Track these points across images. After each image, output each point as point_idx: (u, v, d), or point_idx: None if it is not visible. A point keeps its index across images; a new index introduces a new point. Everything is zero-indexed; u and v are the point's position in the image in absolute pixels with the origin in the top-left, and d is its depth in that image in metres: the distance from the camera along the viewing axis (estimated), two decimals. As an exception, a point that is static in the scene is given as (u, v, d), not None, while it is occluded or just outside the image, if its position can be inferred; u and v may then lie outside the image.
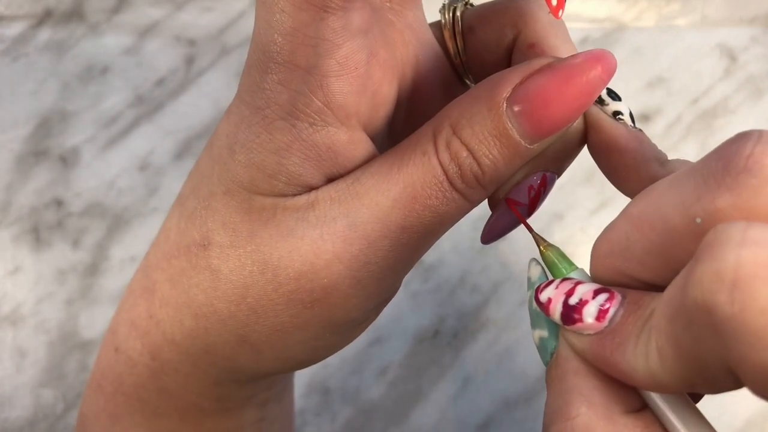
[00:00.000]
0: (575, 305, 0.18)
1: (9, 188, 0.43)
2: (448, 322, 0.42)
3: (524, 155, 0.19)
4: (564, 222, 0.43)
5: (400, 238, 0.20)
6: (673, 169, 0.19)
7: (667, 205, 0.16)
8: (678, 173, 0.17)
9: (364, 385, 0.40)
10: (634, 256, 0.17)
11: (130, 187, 0.43)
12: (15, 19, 0.46)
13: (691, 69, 0.47)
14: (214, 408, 0.24)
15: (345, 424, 0.40)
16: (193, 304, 0.22)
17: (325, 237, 0.20)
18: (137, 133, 0.44)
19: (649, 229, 0.16)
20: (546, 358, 0.19)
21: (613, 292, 0.17)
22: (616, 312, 0.17)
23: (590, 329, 0.17)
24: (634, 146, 0.20)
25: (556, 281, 0.19)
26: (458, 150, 0.19)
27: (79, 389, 0.39)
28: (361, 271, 0.20)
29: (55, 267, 0.41)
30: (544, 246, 0.21)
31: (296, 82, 0.19)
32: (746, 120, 0.46)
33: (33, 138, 0.44)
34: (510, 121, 0.19)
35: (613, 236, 0.17)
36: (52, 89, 0.45)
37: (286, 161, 0.20)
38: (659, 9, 0.49)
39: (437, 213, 0.20)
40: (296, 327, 0.20)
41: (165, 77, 0.45)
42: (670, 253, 0.16)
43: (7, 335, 0.40)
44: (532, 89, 0.19)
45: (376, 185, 0.20)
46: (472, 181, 0.19)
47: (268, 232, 0.20)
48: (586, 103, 0.19)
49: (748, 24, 0.49)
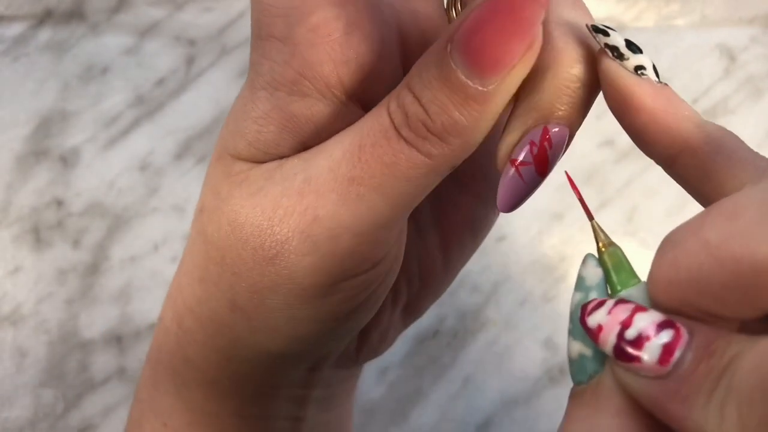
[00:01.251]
0: (633, 340, 0.15)
1: (9, 188, 0.43)
2: (448, 322, 0.42)
3: (481, 100, 0.18)
4: (564, 222, 0.43)
5: (350, 191, 0.19)
6: (710, 132, 0.17)
7: (758, 239, 0.14)
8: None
9: (364, 385, 0.40)
10: (708, 290, 0.14)
11: (130, 187, 0.43)
12: (15, 19, 0.46)
13: (690, 69, 0.47)
14: (235, 389, 0.24)
15: (345, 424, 0.40)
16: (197, 270, 0.22)
17: (284, 192, 0.19)
18: (137, 133, 0.44)
19: (732, 264, 0.14)
20: (581, 378, 0.17)
21: (679, 327, 0.15)
22: (682, 355, 0.15)
23: (650, 372, 0.15)
24: (663, 105, 0.18)
25: (608, 303, 0.16)
26: (404, 97, 0.18)
27: (79, 389, 0.40)
28: (311, 226, 0.19)
29: (56, 267, 0.41)
30: (604, 244, 0.18)
31: (273, 53, 0.19)
32: (746, 120, 0.46)
33: (33, 138, 0.44)
34: (454, 63, 0.18)
35: (682, 261, 0.15)
36: (52, 89, 0.45)
37: (264, 129, 0.20)
38: (659, 9, 0.49)
39: (385, 163, 0.18)
40: (267, 288, 0.20)
41: (165, 77, 0.45)
42: (755, 293, 0.14)
43: (7, 335, 0.40)
44: (468, 25, 0.17)
45: (336, 138, 0.19)
46: (421, 129, 0.18)
47: (240, 192, 0.20)
48: (525, 30, 0.17)
49: (747, 24, 0.49)
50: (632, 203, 0.44)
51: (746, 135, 0.18)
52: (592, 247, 0.18)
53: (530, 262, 0.43)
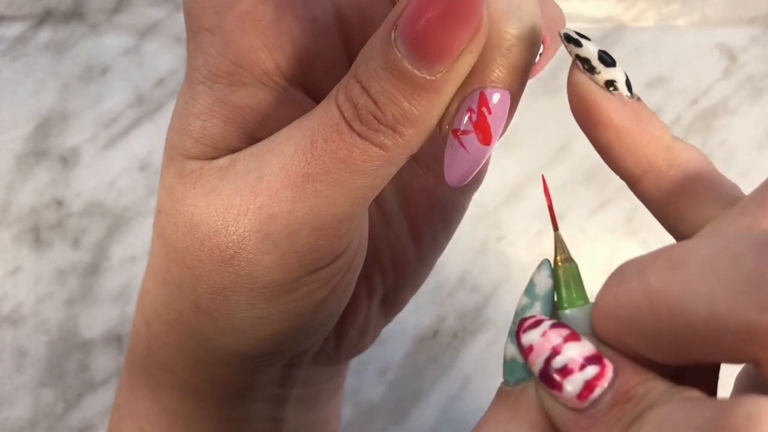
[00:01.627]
0: (559, 369, 0.15)
1: (9, 188, 0.43)
2: (448, 322, 0.42)
3: (430, 89, 0.17)
4: (564, 222, 0.43)
5: (305, 188, 0.18)
6: (679, 154, 0.17)
7: (695, 296, 0.13)
8: (718, 252, 0.14)
9: (364, 385, 0.40)
10: (639, 332, 0.15)
11: (130, 187, 0.43)
12: (15, 19, 0.46)
13: (690, 69, 0.47)
14: (209, 391, 0.23)
15: (345, 424, 0.40)
16: (160, 273, 0.22)
17: (237, 191, 0.19)
18: (137, 133, 0.44)
19: (666, 314, 0.14)
20: (509, 379, 0.17)
21: (605, 365, 0.15)
22: (602, 394, 0.15)
23: (568, 402, 0.15)
24: (630, 123, 0.17)
25: (544, 324, 0.16)
26: (352, 88, 0.18)
27: (79, 389, 0.40)
28: (267, 225, 0.19)
29: (55, 267, 0.41)
30: (562, 258, 0.18)
31: (206, 45, 0.19)
32: (746, 120, 0.46)
33: (33, 138, 0.44)
34: (399, 52, 0.17)
35: (622, 298, 0.15)
36: (52, 89, 0.45)
37: (208, 124, 0.20)
38: (659, 9, 0.49)
39: (339, 158, 0.18)
40: (228, 289, 0.20)
41: (165, 77, 0.45)
42: (684, 346, 0.14)
43: (7, 335, 0.40)
44: (410, 12, 0.17)
45: (286, 134, 0.19)
46: (371, 121, 0.18)
47: (194, 192, 0.20)
48: (469, 17, 0.16)
49: (747, 24, 0.49)
50: (632, 203, 0.44)
51: (746, 135, 0.18)
52: (592, 247, 0.18)
53: (530, 262, 0.43)
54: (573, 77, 0.17)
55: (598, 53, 0.17)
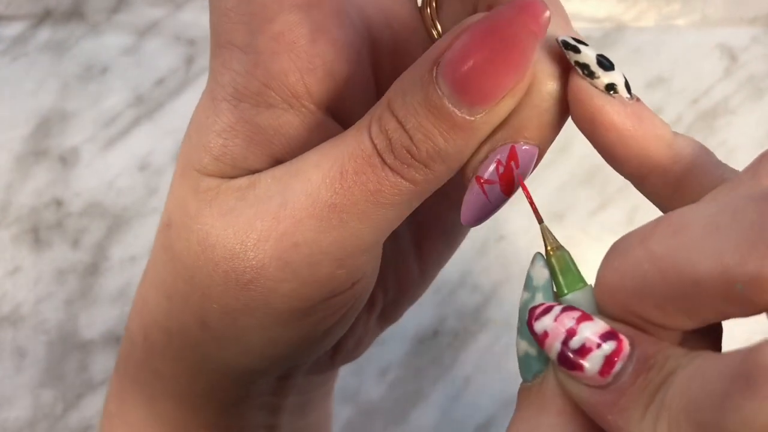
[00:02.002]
0: (577, 349, 0.15)
1: (9, 188, 0.43)
2: (448, 322, 0.42)
3: (467, 128, 0.17)
4: (564, 222, 0.43)
5: (331, 218, 0.18)
6: (679, 151, 0.17)
7: (701, 254, 0.14)
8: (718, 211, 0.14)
9: (364, 386, 0.40)
10: (650, 299, 0.15)
11: (130, 187, 0.43)
12: (15, 18, 0.46)
13: (691, 69, 0.47)
14: (205, 401, 0.23)
15: (345, 424, 0.40)
16: (164, 285, 0.22)
17: (258, 215, 0.19)
18: (137, 133, 0.44)
19: (674, 276, 0.14)
20: (527, 376, 0.17)
21: (621, 339, 0.15)
22: (623, 367, 0.15)
23: (590, 381, 0.15)
24: (632, 123, 0.17)
25: (555, 309, 0.16)
26: (388, 122, 0.18)
27: (78, 390, 0.39)
28: (288, 253, 0.18)
29: (55, 267, 0.41)
30: (552, 247, 0.18)
31: (234, 63, 0.19)
32: (746, 120, 0.46)
33: (32, 138, 0.44)
34: (440, 90, 0.17)
35: (627, 269, 0.15)
36: (51, 89, 0.45)
37: (230, 143, 0.19)
38: (659, 9, 0.49)
39: (368, 191, 0.18)
40: (241, 312, 0.20)
41: (165, 77, 0.45)
42: (695, 306, 0.14)
43: (6, 335, 0.40)
44: (457, 52, 0.17)
45: (313, 161, 0.19)
46: (405, 156, 0.17)
47: (211, 211, 0.19)
48: (519, 63, 0.16)
49: (748, 24, 0.49)
50: (633, 203, 0.44)
51: (746, 135, 0.18)
52: (593, 248, 0.18)
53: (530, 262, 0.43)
54: (573, 83, 0.17)
55: (596, 58, 0.17)
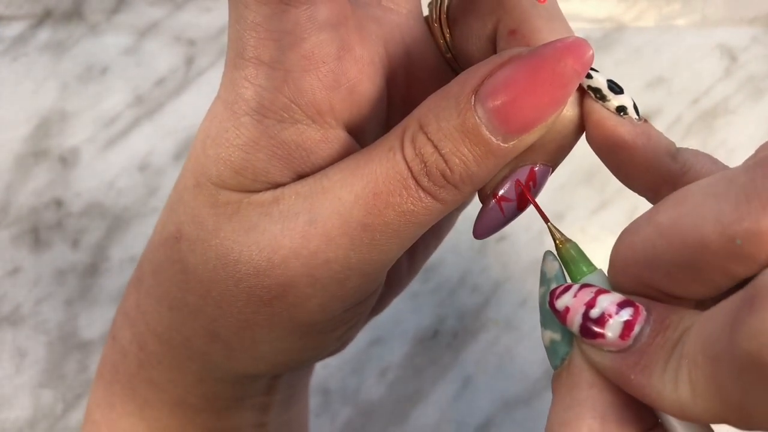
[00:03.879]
0: (597, 319, 0.16)
1: (8, 188, 0.43)
2: (448, 322, 0.42)
3: (499, 154, 0.18)
4: (564, 222, 0.43)
5: (362, 237, 0.19)
6: (685, 160, 0.18)
7: (703, 218, 0.15)
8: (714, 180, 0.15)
9: (364, 386, 0.40)
10: (660, 268, 0.16)
11: (130, 187, 0.43)
12: (15, 19, 0.46)
13: (691, 69, 0.47)
14: (203, 406, 0.23)
15: (345, 425, 0.40)
16: (169, 297, 0.22)
17: (285, 232, 0.19)
18: (137, 133, 0.44)
19: (680, 242, 0.15)
20: (555, 362, 0.18)
21: (637, 306, 0.16)
22: (641, 330, 0.16)
23: (612, 346, 0.16)
24: (643, 142, 0.19)
25: (574, 287, 0.17)
26: (423, 146, 0.18)
27: (78, 390, 0.39)
28: (319, 270, 0.19)
29: (55, 267, 0.41)
30: (560, 241, 0.19)
31: (261, 78, 0.19)
32: (746, 120, 0.46)
33: (32, 138, 0.44)
34: (478, 117, 0.18)
35: (637, 243, 0.16)
36: (51, 89, 0.45)
37: (252, 157, 0.19)
38: (659, 9, 0.49)
39: (401, 212, 0.18)
40: (260, 325, 0.20)
41: (165, 77, 0.45)
42: (702, 268, 0.15)
43: (6, 336, 0.40)
44: (500, 82, 0.18)
45: (341, 180, 0.19)
46: (440, 179, 0.18)
47: (232, 227, 0.20)
48: (560, 98, 0.18)
49: (748, 24, 0.49)
50: (632, 203, 0.44)
51: (746, 135, 0.18)
52: (593, 247, 0.19)
53: (530, 262, 0.43)
54: (588, 107, 0.19)
55: (607, 83, 0.19)
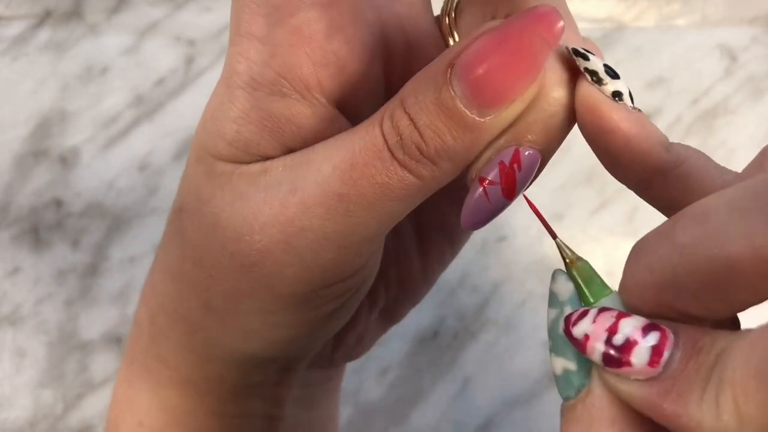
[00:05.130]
0: (621, 346, 0.15)
1: (8, 188, 0.43)
2: (448, 322, 0.42)
3: (476, 129, 0.18)
4: (564, 222, 0.43)
5: (337, 207, 0.19)
6: (678, 154, 0.18)
7: (730, 237, 0.14)
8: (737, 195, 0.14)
9: (364, 386, 0.40)
10: (683, 290, 0.15)
11: (130, 187, 0.43)
12: (15, 19, 0.46)
13: (691, 69, 0.47)
14: (209, 388, 0.24)
15: (345, 424, 0.40)
16: (172, 268, 0.22)
17: (267, 201, 0.19)
18: (137, 133, 0.44)
19: (707, 264, 0.14)
20: (568, 393, 0.17)
21: (664, 329, 0.15)
22: (671, 355, 0.15)
23: (640, 375, 0.15)
24: (637, 130, 0.18)
25: (592, 312, 0.16)
26: (400, 119, 0.18)
27: (78, 390, 0.39)
28: (295, 237, 0.19)
29: (55, 267, 0.41)
30: (571, 260, 0.18)
31: (252, 52, 0.20)
32: (746, 120, 0.46)
33: (32, 138, 0.44)
34: (453, 90, 0.17)
35: (656, 266, 0.15)
36: (51, 89, 0.45)
37: (243, 129, 0.20)
38: (659, 9, 0.49)
39: (376, 183, 0.18)
40: (244, 294, 0.20)
41: (165, 77, 0.45)
42: (732, 289, 0.14)
43: (6, 336, 0.40)
44: (472, 55, 0.17)
45: (323, 153, 0.19)
46: (415, 152, 0.18)
47: (223, 196, 0.20)
48: (531, 68, 0.17)
49: (748, 24, 0.49)
50: (632, 203, 0.44)
51: (746, 135, 0.18)
52: (593, 248, 0.18)
53: (530, 262, 0.43)
54: (583, 89, 0.18)
55: (603, 67, 0.18)
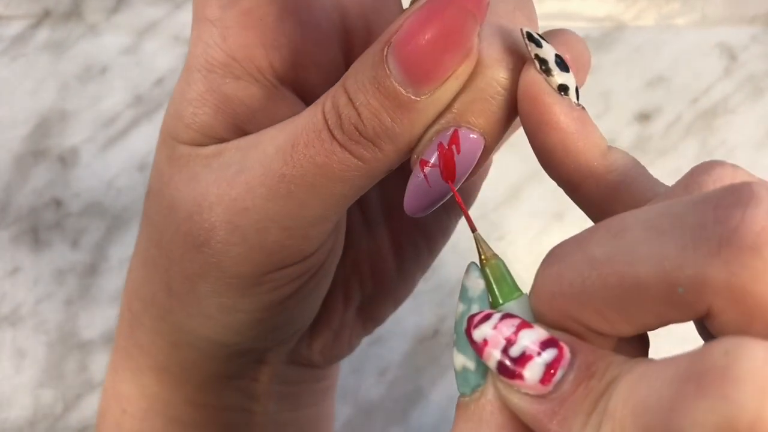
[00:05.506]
0: (516, 358, 0.15)
1: (8, 188, 0.43)
2: (448, 322, 0.42)
3: (413, 109, 0.17)
4: (564, 222, 0.43)
5: (279, 188, 0.19)
6: (614, 161, 0.17)
7: (642, 259, 0.14)
8: (658, 214, 0.14)
9: (364, 385, 0.40)
10: (590, 304, 0.14)
11: (130, 187, 0.43)
12: (14, 18, 0.46)
13: (691, 68, 0.47)
14: (184, 377, 0.24)
15: (345, 424, 0.40)
16: (141, 252, 0.23)
17: (216, 181, 0.20)
18: (136, 133, 0.44)
19: (615, 281, 0.14)
20: (465, 390, 0.16)
21: (562, 347, 0.15)
22: (564, 375, 0.15)
23: (531, 390, 0.15)
24: (576, 128, 0.17)
25: (494, 317, 0.16)
26: (339, 98, 0.18)
27: (78, 390, 0.39)
28: (238, 217, 0.19)
29: (54, 267, 0.41)
30: (485, 257, 0.18)
31: (206, 35, 0.20)
32: (746, 119, 0.46)
33: (32, 138, 0.44)
34: (389, 69, 0.17)
35: (565, 274, 0.15)
36: (50, 89, 0.45)
37: (199, 111, 0.20)
38: (659, 8, 0.49)
39: (315, 164, 0.18)
40: (197, 275, 0.21)
41: (164, 77, 0.45)
42: (636, 310, 0.14)
43: (6, 336, 0.40)
44: (403, 32, 0.17)
45: (271, 135, 0.19)
46: (353, 132, 0.18)
47: (180, 177, 0.21)
48: (459, 43, 0.17)
49: (748, 23, 0.49)
50: (632, 203, 0.44)
51: (746, 134, 0.18)
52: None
53: (530, 262, 0.43)
54: (528, 76, 0.17)
55: (555, 57, 0.17)
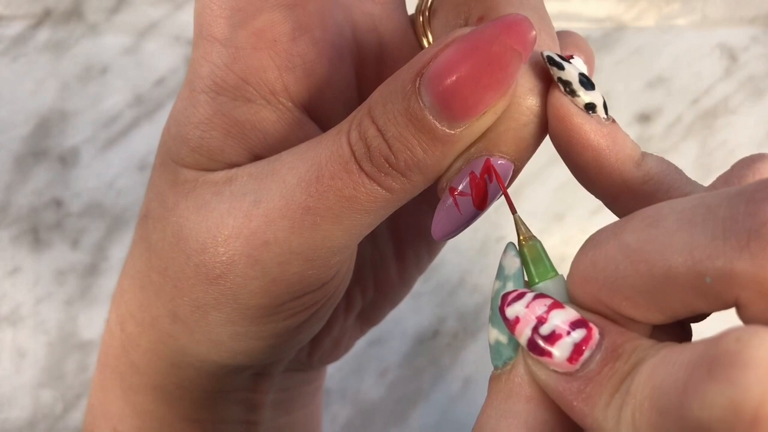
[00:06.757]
0: (546, 336, 0.15)
1: (8, 188, 0.43)
2: (448, 322, 0.42)
3: (447, 141, 0.17)
4: (564, 222, 0.43)
5: (303, 220, 0.18)
6: (649, 168, 0.18)
7: (673, 248, 0.14)
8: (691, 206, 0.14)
9: (364, 386, 0.40)
10: (620, 290, 0.15)
11: (130, 188, 0.43)
12: (14, 18, 0.46)
13: (691, 69, 0.47)
14: (181, 394, 0.23)
15: (345, 425, 0.40)
16: (138, 275, 0.22)
17: (231, 211, 0.19)
18: (137, 133, 0.44)
19: (646, 268, 0.14)
20: (497, 363, 0.17)
21: (591, 328, 0.15)
22: (591, 355, 0.15)
23: (559, 367, 0.15)
24: (607, 144, 0.17)
25: (527, 296, 0.16)
26: (367, 129, 0.17)
27: (78, 390, 0.39)
28: (258, 251, 0.19)
29: (55, 267, 0.41)
30: (524, 238, 0.18)
31: (214, 55, 0.19)
32: (746, 120, 0.46)
33: (32, 138, 0.44)
34: (422, 102, 0.17)
35: (599, 260, 0.15)
36: (51, 89, 0.45)
37: (207, 135, 0.19)
38: (659, 9, 0.49)
39: (343, 196, 0.18)
40: (210, 306, 0.20)
41: (164, 77, 0.45)
42: (665, 298, 0.14)
43: (6, 336, 0.40)
44: (441, 65, 0.17)
45: (289, 163, 0.19)
46: (383, 164, 0.17)
47: (187, 204, 0.20)
48: (502, 80, 0.16)
49: (748, 24, 0.49)
50: (633, 203, 0.44)
51: (746, 135, 0.18)
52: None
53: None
54: (554, 99, 0.18)
55: (578, 76, 0.18)
